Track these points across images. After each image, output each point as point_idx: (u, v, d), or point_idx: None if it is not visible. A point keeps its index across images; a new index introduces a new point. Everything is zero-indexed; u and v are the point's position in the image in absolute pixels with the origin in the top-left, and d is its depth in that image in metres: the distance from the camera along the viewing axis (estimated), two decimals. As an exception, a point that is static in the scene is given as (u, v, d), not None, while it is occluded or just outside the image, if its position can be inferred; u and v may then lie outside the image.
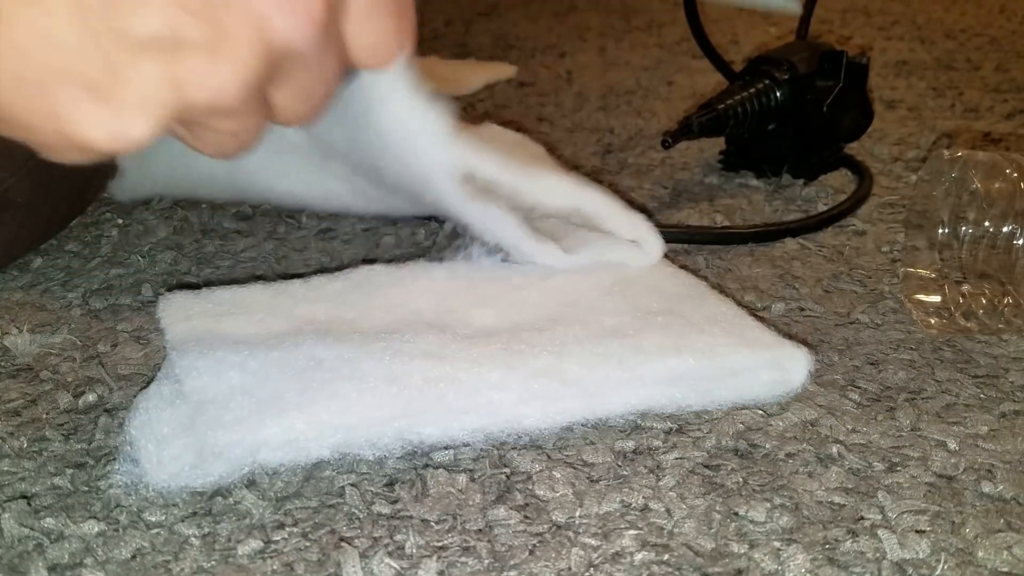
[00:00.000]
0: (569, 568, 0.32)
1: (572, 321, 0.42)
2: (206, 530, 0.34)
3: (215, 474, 0.35)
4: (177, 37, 0.24)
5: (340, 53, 0.28)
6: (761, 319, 0.43)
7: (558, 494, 0.36)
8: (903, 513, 0.34)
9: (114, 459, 0.37)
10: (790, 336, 0.43)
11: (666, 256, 0.51)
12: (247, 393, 0.36)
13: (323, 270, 0.52)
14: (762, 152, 0.63)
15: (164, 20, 0.24)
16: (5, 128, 0.23)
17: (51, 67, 0.22)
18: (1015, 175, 0.44)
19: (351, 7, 0.28)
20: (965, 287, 0.45)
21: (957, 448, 0.38)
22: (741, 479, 0.36)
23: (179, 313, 0.41)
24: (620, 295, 0.44)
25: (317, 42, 0.26)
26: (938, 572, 0.32)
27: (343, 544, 0.33)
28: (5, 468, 0.37)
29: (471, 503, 0.35)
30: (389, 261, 0.53)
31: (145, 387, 0.39)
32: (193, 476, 0.35)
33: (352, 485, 0.36)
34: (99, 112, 0.23)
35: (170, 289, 0.48)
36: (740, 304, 0.45)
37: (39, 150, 0.24)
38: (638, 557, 0.33)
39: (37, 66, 0.22)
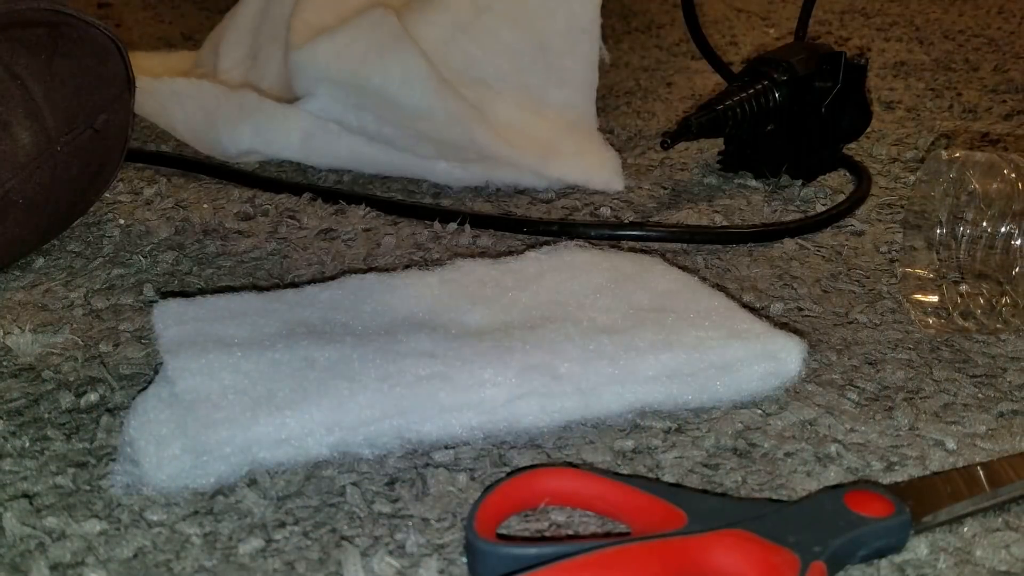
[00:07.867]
0: (569, 566, 0.32)
1: (564, 319, 0.42)
2: (207, 529, 0.34)
3: (214, 475, 0.35)
4: None
5: None
6: (757, 314, 0.43)
7: (558, 493, 0.36)
8: (901, 512, 0.35)
9: (115, 459, 0.37)
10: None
11: (664, 256, 0.51)
12: (240, 392, 0.36)
13: (324, 270, 0.52)
14: (761, 153, 0.63)
15: None
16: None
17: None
18: (1013, 175, 0.44)
19: None
20: (963, 287, 0.45)
21: (955, 447, 0.38)
22: (740, 478, 0.36)
23: (173, 319, 0.42)
24: (611, 293, 0.44)
25: None
26: (937, 571, 0.32)
27: (344, 543, 0.33)
28: (7, 467, 0.37)
29: (472, 502, 0.35)
30: (389, 261, 0.53)
31: (147, 387, 0.39)
32: (192, 476, 0.35)
33: (353, 484, 0.36)
34: None
35: (164, 296, 0.48)
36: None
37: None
38: (638, 555, 0.33)
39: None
